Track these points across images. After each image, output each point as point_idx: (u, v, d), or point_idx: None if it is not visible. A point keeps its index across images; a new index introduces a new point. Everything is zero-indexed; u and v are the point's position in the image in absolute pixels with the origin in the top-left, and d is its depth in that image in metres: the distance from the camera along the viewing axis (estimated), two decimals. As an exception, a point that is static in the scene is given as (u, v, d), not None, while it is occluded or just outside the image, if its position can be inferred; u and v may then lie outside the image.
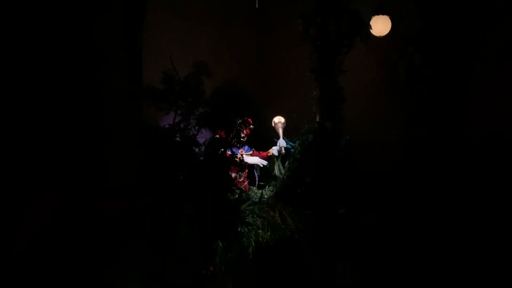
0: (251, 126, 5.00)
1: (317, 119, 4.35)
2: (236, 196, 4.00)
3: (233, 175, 4.85)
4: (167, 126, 3.19)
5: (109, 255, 2.79)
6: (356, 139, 5.18)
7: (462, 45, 5.15)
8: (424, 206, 5.03)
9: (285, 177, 4.39)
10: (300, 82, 4.92)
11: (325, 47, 4.28)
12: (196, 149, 3.23)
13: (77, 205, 2.76)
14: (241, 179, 4.96)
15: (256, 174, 5.24)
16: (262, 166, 5.05)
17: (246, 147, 5.14)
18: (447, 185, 5.07)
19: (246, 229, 3.93)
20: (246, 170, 5.07)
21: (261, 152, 5.17)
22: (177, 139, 3.19)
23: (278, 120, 5.16)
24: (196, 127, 3.17)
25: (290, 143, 4.85)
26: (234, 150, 4.89)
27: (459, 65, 5.17)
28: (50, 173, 2.75)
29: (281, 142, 4.97)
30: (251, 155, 5.14)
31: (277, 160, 4.94)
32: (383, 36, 5.09)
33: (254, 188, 4.98)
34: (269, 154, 5.11)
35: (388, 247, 4.83)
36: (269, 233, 3.98)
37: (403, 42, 5.21)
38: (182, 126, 3.14)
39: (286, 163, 4.64)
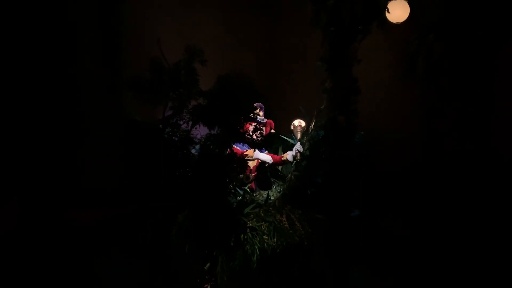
0: (272, 130, 4.67)
1: (329, 113, 3.94)
2: (239, 198, 3.64)
3: (240, 176, 4.49)
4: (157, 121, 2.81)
5: (81, 272, 2.42)
6: (372, 135, 4.81)
7: (487, 32, 4.80)
8: (446, 206, 4.72)
9: (292, 177, 4.00)
10: (312, 73, 4.56)
11: (338, 33, 3.86)
12: (191, 148, 2.85)
13: (44, 212, 2.39)
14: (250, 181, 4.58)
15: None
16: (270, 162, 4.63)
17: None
18: (471, 183, 4.74)
19: (250, 235, 3.56)
20: (255, 173, 4.67)
21: (273, 156, 4.74)
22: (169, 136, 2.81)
23: (299, 123, 4.67)
24: (190, 122, 2.78)
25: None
26: (240, 146, 4.58)
27: (484, 54, 4.83)
28: (14, 174, 2.38)
29: (298, 147, 4.50)
30: None
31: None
32: (401, 23, 4.74)
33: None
34: (282, 159, 4.66)
35: (409, 251, 4.48)
36: (275, 239, 3.60)
37: (423, 29, 4.90)
38: (174, 121, 2.74)
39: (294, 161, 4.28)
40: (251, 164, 4.59)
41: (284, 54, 5.51)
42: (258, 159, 4.63)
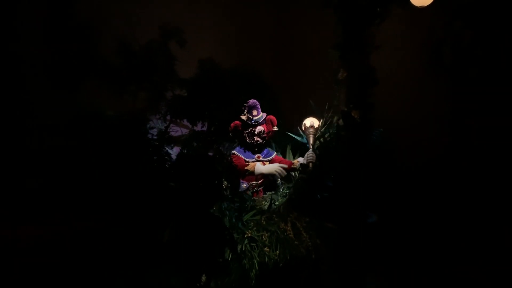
0: (275, 128, 4.15)
1: (342, 108, 3.46)
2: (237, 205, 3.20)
3: (244, 185, 4.02)
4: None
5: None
6: (392, 132, 4.32)
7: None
8: (478, 211, 4.20)
9: (300, 180, 3.52)
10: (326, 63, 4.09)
11: (353, 16, 3.38)
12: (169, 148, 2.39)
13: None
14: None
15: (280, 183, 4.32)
16: (279, 176, 4.03)
17: (266, 150, 4.24)
18: (506, 186, 4.21)
19: (248, 246, 3.10)
20: (262, 180, 4.16)
21: (282, 160, 4.21)
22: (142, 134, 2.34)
23: (311, 123, 3.98)
24: (168, 117, 2.32)
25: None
26: (241, 153, 4.10)
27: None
28: None
29: (309, 156, 3.83)
30: (271, 161, 4.16)
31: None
32: (426, 7, 4.24)
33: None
34: (292, 166, 4.07)
35: (435, 262, 3.98)
36: (278, 252, 3.14)
37: (450, 14, 4.36)
38: (148, 115, 2.29)
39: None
40: None
41: (294, 42, 5.02)
42: (261, 173, 4.04)
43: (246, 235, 3.13)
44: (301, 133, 4.14)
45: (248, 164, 4.04)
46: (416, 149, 4.35)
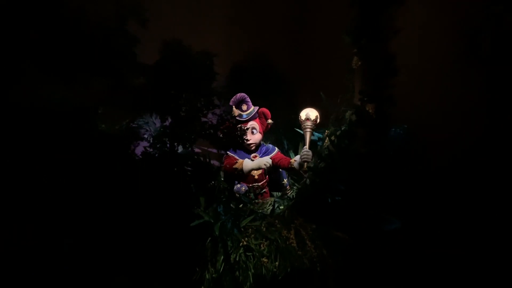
0: (269, 121, 3.78)
1: (356, 101, 3.05)
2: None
3: (243, 187, 3.67)
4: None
5: None
6: (420, 129, 3.87)
7: None
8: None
9: (307, 181, 3.13)
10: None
11: (369, -5, 2.97)
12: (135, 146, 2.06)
13: None
14: (258, 193, 3.75)
15: (287, 183, 3.96)
16: (265, 167, 3.66)
17: (265, 148, 3.91)
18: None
19: (243, 256, 2.75)
20: (265, 180, 3.83)
21: (283, 157, 3.81)
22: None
23: (306, 115, 3.53)
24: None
25: (316, 134, 3.55)
26: (235, 154, 3.76)
27: None
28: None
29: (305, 154, 3.47)
30: (273, 158, 3.81)
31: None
32: (460, -13, 3.78)
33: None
34: (290, 165, 3.66)
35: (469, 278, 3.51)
36: (277, 263, 2.77)
37: (489, -1, 3.81)
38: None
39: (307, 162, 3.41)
40: (255, 172, 3.74)
41: (314, 30, 4.62)
42: (251, 171, 3.67)
43: (241, 244, 2.78)
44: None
45: (236, 162, 3.68)
46: (447, 148, 3.88)
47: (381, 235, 3.25)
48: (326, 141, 3.15)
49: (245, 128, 3.70)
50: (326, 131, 3.26)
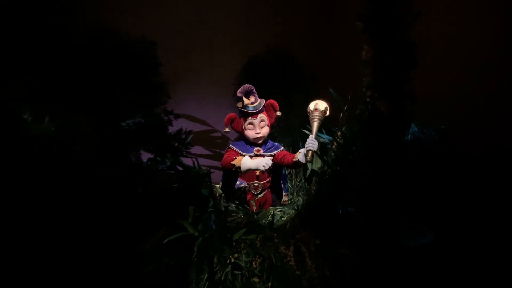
0: (278, 113, 3.47)
1: (368, 97, 2.63)
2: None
3: (243, 184, 3.38)
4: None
5: None
6: (458, 130, 3.37)
7: None
8: None
9: (313, 190, 2.74)
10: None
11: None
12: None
13: None
14: (259, 193, 3.45)
15: (284, 187, 3.66)
16: (264, 169, 3.34)
17: (270, 143, 3.61)
18: None
19: (229, 276, 2.42)
20: (267, 181, 3.53)
21: (287, 154, 3.54)
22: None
23: (315, 106, 3.34)
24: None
25: (324, 136, 3.17)
26: (238, 147, 3.47)
27: None
28: None
29: (310, 142, 3.22)
30: (275, 157, 3.53)
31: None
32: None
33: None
34: (294, 160, 3.39)
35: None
36: (270, 284, 2.42)
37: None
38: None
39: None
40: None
41: (333, 21, 4.21)
42: (248, 170, 3.35)
43: (228, 261, 2.45)
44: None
45: (235, 158, 3.38)
46: (486, 153, 3.35)
47: (406, 251, 2.82)
48: (335, 144, 2.75)
49: (254, 120, 3.46)
50: (338, 132, 2.87)
